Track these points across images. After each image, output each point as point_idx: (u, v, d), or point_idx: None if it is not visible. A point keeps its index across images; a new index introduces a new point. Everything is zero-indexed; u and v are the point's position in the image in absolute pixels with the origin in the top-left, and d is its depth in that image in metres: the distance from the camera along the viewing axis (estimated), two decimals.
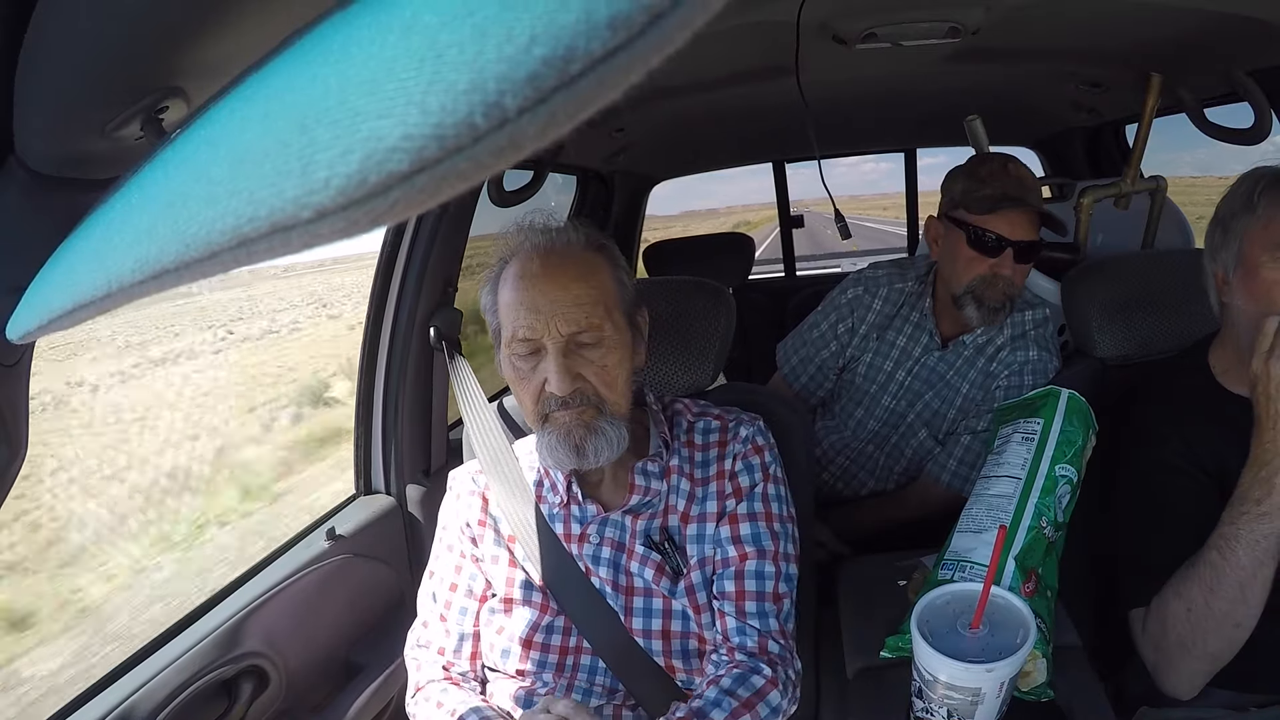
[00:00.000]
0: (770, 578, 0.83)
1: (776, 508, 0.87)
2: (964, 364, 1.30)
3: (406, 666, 0.90)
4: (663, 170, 2.74)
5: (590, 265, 0.81)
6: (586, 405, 0.79)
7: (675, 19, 0.14)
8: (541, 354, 0.78)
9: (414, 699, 0.86)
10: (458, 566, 0.89)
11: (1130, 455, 0.98)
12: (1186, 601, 0.84)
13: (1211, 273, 0.94)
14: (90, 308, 0.29)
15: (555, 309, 0.77)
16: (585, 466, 0.81)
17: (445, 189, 0.16)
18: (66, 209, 0.45)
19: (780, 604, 0.83)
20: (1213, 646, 0.83)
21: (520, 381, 0.81)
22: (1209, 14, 1.08)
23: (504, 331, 0.81)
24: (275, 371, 6.51)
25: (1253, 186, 0.89)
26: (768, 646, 0.80)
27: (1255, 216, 0.87)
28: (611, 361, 0.80)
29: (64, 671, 2.32)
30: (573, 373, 0.78)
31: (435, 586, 0.90)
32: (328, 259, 10.72)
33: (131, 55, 0.43)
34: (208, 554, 3.56)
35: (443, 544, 0.91)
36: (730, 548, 0.84)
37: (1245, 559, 0.80)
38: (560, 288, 0.78)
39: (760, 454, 0.88)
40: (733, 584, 0.83)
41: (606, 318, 0.79)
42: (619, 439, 0.80)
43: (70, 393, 4.65)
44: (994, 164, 1.22)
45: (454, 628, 0.88)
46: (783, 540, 0.86)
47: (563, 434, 0.79)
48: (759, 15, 1.13)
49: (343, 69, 0.18)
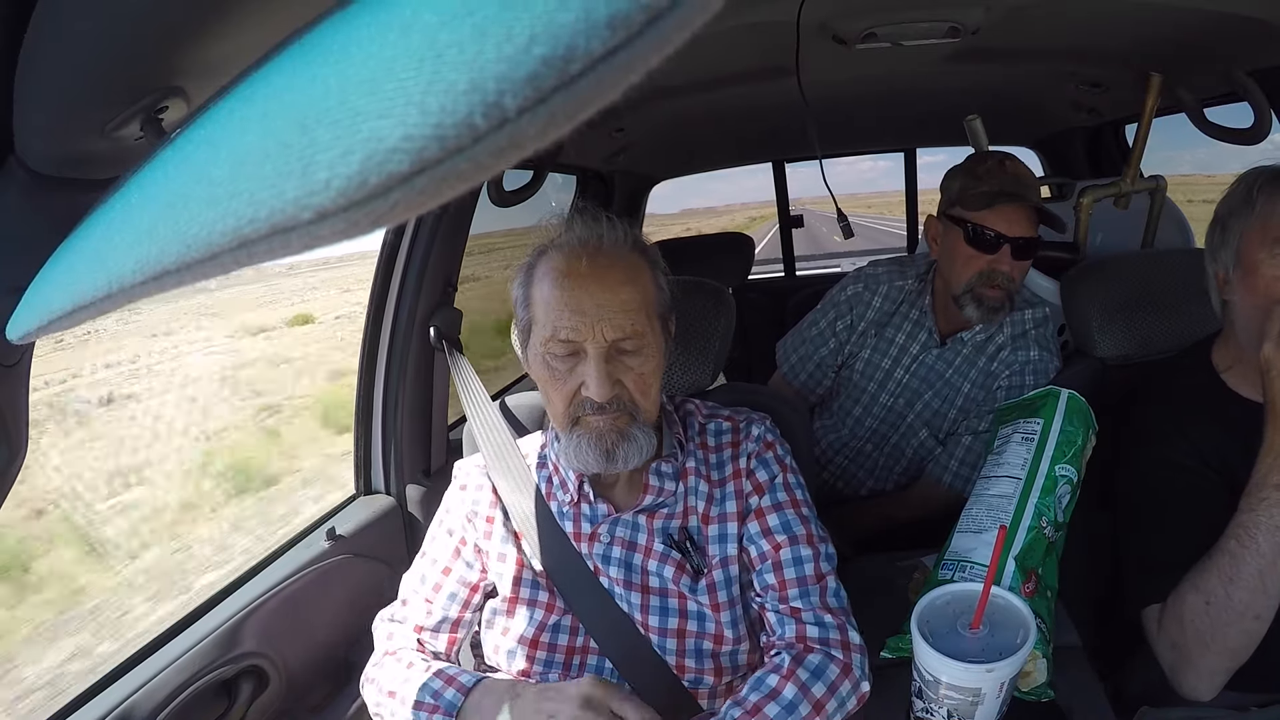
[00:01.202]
0: (809, 560, 0.82)
1: (799, 494, 0.87)
2: (963, 362, 1.30)
3: (374, 638, 0.89)
4: (662, 170, 2.74)
5: (636, 268, 0.79)
6: (621, 412, 0.78)
7: (674, 19, 0.14)
8: (580, 356, 0.77)
9: (374, 667, 0.85)
10: (456, 550, 0.88)
11: (1132, 455, 0.98)
12: (1205, 594, 0.83)
13: (1213, 273, 0.94)
14: (90, 308, 0.29)
15: (601, 313, 0.75)
16: (611, 471, 0.80)
17: (446, 190, 0.16)
18: (66, 209, 0.45)
19: (824, 582, 0.82)
20: (1233, 641, 0.82)
21: (554, 382, 0.79)
22: (1209, 14, 1.08)
23: (540, 329, 0.78)
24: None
25: (1250, 184, 0.89)
26: (806, 633, 0.78)
27: (1254, 214, 0.87)
28: (649, 369, 0.79)
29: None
30: (613, 379, 0.76)
31: (425, 568, 0.89)
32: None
33: (131, 55, 0.43)
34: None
35: (442, 527, 0.90)
36: (763, 541, 0.83)
37: (1265, 545, 0.79)
38: (607, 290, 0.75)
39: (772, 448, 0.88)
40: (773, 576, 0.82)
41: (648, 324, 0.79)
42: (648, 445, 0.80)
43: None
44: (991, 161, 1.22)
45: (438, 610, 0.87)
46: (812, 523, 0.85)
47: (594, 438, 0.78)
48: (759, 15, 1.13)
49: (343, 69, 0.18)
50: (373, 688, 0.84)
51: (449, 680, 0.79)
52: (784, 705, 0.72)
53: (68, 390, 6.01)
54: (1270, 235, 0.85)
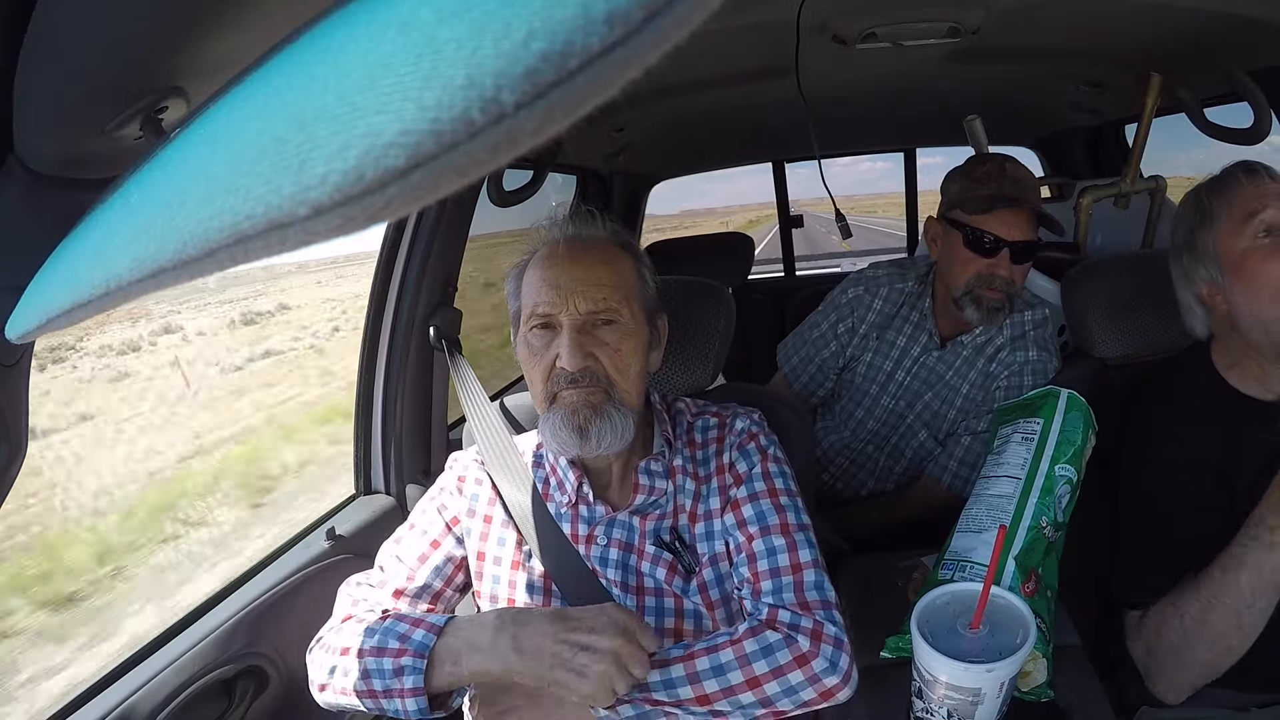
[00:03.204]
0: (782, 551, 0.79)
1: (779, 483, 0.84)
2: (963, 364, 1.30)
3: (336, 604, 0.85)
4: (662, 170, 2.74)
5: (615, 255, 0.82)
6: (596, 386, 0.79)
7: (673, 15, 0.14)
8: (556, 330, 0.79)
9: (327, 631, 0.81)
10: (447, 528, 0.88)
11: (1129, 455, 0.98)
12: (1181, 612, 0.84)
13: (1194, 296, 0.94)
14: (89, 306, 0.29)
15: (575, 286, 0.78)
16: (588, 453, 0.80)
17: (442, 185, 0.16)
18: (66, 209, 0.45)
19: (800, 575, 0.78)
20: (1203, 656, 0.83)
21: (533, 359, 0.81)
22: (1209, 14, 1.08)
23: (524, 311, 0.81)
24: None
25: (1196, 199, 0.92)
26: (778, 616, 0.75)
27: (1214, 217, 0.89)
28: (626, 347, 0.80)
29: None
30: (585, 350, 0.78)
31: (413, 538, 0.87)
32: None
33: (131, 55, 0.43)
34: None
35: (434, 503, 0.90)
36: (738, 533, 0.82)
37: (1245, 584, 0.79)
38: (583, 268, 0.79)
39: (755, 439, 0.87)
40: (747, 568, 0.80)
41: (625, 304, 0.80)
42: (625, 428, 0.80)
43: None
44: (991, 165, 1.22)
45: (421, 577, 0.85)
46: (790, 512, 0.82)
47: (568, 413, 0.79)
48: (759, 15, 1.13)
49: (340, 65, 0.18)
50: (320, 649, 0.79)
51: (416, 622, 0.74)
52: (715, 665, 0.71)
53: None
54: (1237, 220, 0.87)
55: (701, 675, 0.71)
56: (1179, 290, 0.96)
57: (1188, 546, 0.88)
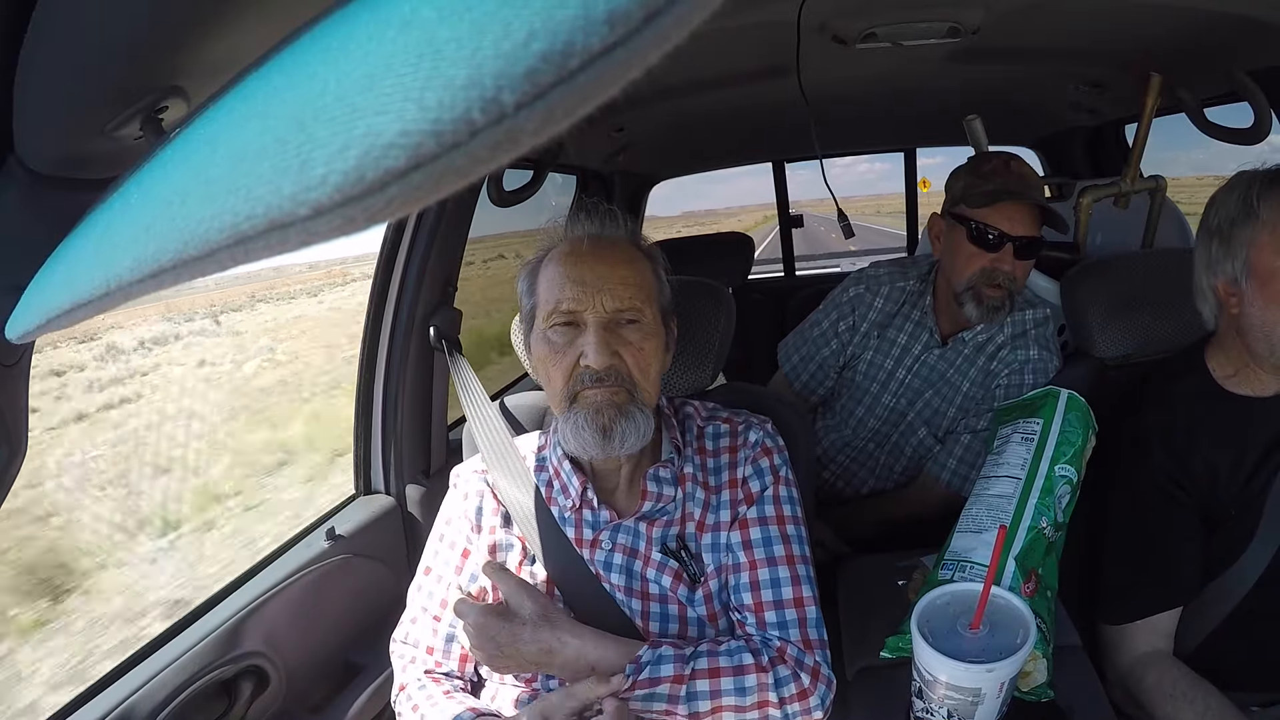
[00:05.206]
0: (787, 583, 0.81)
1: (788, 510, 0.86)
2: (964, 362, 1.30)
3: (392, 662, 0.89)
4: (663, 170, 2.74)
5: (635, 254, 0.83)
6: (620, 386, 0.78)
7: (673, 15, 0.14)
8: (580, 328, 0.78)
9: (396, 699, 0.86)
10: (458, 567, 0.88)
11: (1120, 466, 0.98)
12: (1152, 691, 0.88)
13: (1210, 285, 0.91)
14: (89, 306, 0.29)
15: (602, 284, 0.77)
16: (610, 453, 0.79)
17: (443, 185, 0.16)
18: (66, 209, 0.45)
19: (802, 609, 0.81)
20: None
21: (553, 357, 0.80)
22: (1209, 14, 1.08)
23: (543, 308, 0.80)
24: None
25: (1246, 191, 0.87)
26: (787, 652, 0.78)
27: (1259, 222, 0.85)
28: (649, 347, 0.80)
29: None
30: (611, 348, 0.77)
31: (431, 585, 0.88)
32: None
33: (131, 55, 0.43)
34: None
35: (444, 541, 0.90)
36: (741, 553, 0.83)
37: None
38: (608, 266, 0.79)
39: (769, 456, 0.87)
40: (749, 595, 0.81)
41: (647, 304, 0.80)
42: (646, 428, 0.80)
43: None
44: (996, 161, 1.23)
45: (444, 627, 0.86)
46: (795, 543, 0.84)
47: (591, 413, 0.78)
48: (759, 15, 1.13)
49: (341, 66, 0.18)
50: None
51: None
52: (739, 688, 0.75)
53: None
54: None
55: (724, 693, 0.74)
56: (1198, 273, 0.92)
57: (1158, 571, 0.89)
